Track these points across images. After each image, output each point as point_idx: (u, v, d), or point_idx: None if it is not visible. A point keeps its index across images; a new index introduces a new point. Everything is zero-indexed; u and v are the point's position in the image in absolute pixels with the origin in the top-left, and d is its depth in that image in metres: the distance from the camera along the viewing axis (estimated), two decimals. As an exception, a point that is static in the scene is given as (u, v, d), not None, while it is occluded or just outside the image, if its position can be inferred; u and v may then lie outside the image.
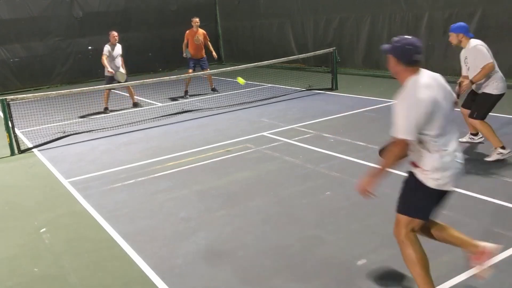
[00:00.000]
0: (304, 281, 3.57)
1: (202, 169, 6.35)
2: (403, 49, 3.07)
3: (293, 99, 10.69)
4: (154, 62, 17.87)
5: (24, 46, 15.55)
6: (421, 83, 3.01)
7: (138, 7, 17.42)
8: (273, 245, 4.17)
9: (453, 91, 3.28)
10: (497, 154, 5.68)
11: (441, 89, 3.09)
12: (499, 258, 3.64)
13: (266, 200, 5.16)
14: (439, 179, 3.07)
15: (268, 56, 13.68)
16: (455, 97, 3.27)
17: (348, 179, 5.56)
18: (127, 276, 3.87)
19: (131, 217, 5.00)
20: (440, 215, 4.42)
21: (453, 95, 3.23)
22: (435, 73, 3.18)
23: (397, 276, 3.53)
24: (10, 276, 4.02)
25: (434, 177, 3.08)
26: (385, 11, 12.67)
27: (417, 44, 3.07)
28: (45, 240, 4.62)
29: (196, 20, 11.91)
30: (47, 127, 9.62)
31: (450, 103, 3.14)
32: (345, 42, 13.88)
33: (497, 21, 10.31)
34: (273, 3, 16.55)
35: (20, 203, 5.67)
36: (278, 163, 6.35)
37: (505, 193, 4.80)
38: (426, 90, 2.98)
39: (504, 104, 8.56)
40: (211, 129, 8.47)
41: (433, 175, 3.07)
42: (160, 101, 11.64)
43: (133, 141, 8.09)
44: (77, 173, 6.53)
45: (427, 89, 2.98)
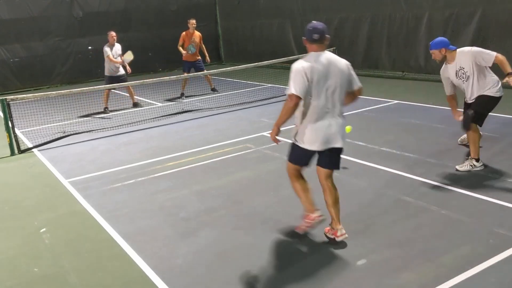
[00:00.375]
0: (304, 281, 3.57)
1: (202, 169, 6.35)
2: (308, 30, 3.94)
3: (293, 99, 10.68)
4: (154, 62, 17.87)
5: (24, 46, 15.55)
6: (311, 57, 3.90)
7: (138, 7, 17.42)
8: (273, 245, 4.17)
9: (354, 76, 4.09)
10: (470, 166, 5.48)
11: (332, 69, 3.88)
12: (499, 258, 3.64)
13: (266, 200, 5.16)
14: (305, 141, 4.05)
15: (268, 56, 13.69)
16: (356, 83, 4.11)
17: (348, 179, 5.55)
18: (127, 276, 3.87)
19: (131, 217, 5.00)
20: (439, 214, 4.44)
21: (350, 78, 4.03)
22: (337, 57, 4.02)
23: (397, 276, 3.53)
24: (10, 276, 4.02)
25: (300, 138, 4.10)
26: (385, 11, 12.67)
27: (318, 26, 3.92)
28: (45, 240, 4.62)
29: (193, 21, 11.80)
30: (47, 127, 9.62)
31: (340, 81, 3.91)
32: (345, 42, 13.88)
33: (497, 21, 10.31)
34: (273, 3, 16.55)
35: (20, 203, 5.67)
36: (278, 163, 6.35)
37: (505, 193, 4.80)
38: (313, 63, 3.84)
39: (504, 104, 8.58)
40: (211, 129, 8.47)
41: (299, 136, 4.12)
42: (160, 101, 11.64)
43: (133, 141, 8.09)
44: (77, 173, 6.53)
45: (315, 63, 3.84)
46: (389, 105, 9.26)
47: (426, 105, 9.02)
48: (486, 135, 6.79)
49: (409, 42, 12.16)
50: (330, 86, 3.90)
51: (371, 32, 13.17)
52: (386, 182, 5.41)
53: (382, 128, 7.72)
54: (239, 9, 18.15)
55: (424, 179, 5.34)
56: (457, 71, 5.48)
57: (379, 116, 8.50)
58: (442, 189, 5.04)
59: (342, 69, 3.95)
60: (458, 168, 5.54)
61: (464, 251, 3.79)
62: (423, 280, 3.44)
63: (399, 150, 6.42)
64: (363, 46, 13.51)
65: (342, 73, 3.95)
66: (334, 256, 3.89)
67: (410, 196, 4.92)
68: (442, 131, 7.23)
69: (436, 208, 4.58)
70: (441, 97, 9.31)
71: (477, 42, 10.73)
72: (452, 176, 5.39)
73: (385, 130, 7.56)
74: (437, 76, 11.38)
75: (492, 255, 3.67)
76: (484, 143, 6.46)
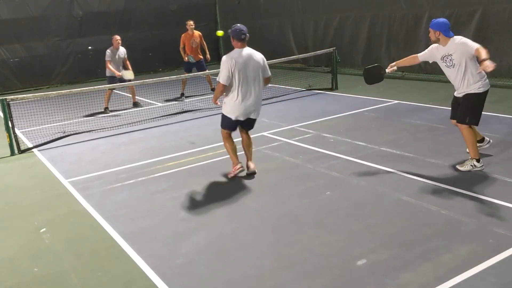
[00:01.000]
0: (304, 281, 3.56)
1: (202, 169, 6.35)
2: (235, 31, 5.40)
3: (293, 99, 10.69)
4: (154, 62, 17.86)
5: (24, 46, 15.54)
6: (236, 52, 5.41)
7: (138, 7, 17.40)
8: (273, 245, 4.17)
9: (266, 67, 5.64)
10: (471, 166, 5.47)
11: (250, 61, 5.42)
12: (499, 258, 3.64)
13: (266, 200, 5.16)
14: (229, 112, 5.61)
15: (268, 56, 13.64)
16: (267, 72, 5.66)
17: (348, 179, 5.56)
18: (127, 276, 3.87)
19: (131, 217, 5.00)
20: (439, 214, 4.44)
21: (264, 68, 5.58)
22: (256, 51, 5.57)
23: (397, 276, 3.53)
24: (10, 276, 4.02)
25: (227, 110, 5.62)
26: (385, 11, 12.67)
27: (244, 29, 5.42)
28: (45, 240, 4.62)
29: (190, 23, 11.75)
30: (47, 127, 9.62)
31: (256, 72, 5.48)
32: (345, 42, 13.88)
33: (497, 21, 10.31)
34: (273, 3, 16.55)
35: (20, 203, 5.67)
36: (278, 163, 6.35)
37: (505, 193, 4.80)
38: (236, 58, 5.36)
39: (505, 104, 8.59)
40: (211, 129, 8.46)
41: (227, 109, 5.62)
42: (160, 101, 11.64)
43: (133, 141, 8.09)
44: (77, 173, 6.53)
45: (238, 57, 5.36)
46: (389, 105, 9.26)
47: (426, 105, 9.02)
48: (485, 135, 6.80)
49: (409, 42, 12.16)
50: (250, 74, 5.43)
51: (371, 32, 13.18)
52: (386, 182, 5.41)
53: (382, 128, 7.72)
54: (239, 9, 18.14)
55: (424, 179, 5.34)
56: (444, 55, 5.47)
57: (379, 116, 8.50)
58: (442, 189, 5.04)
59: (258, 61, 5.51)
60: (458, 168, 5.54)
61: (464, 251, 3.79)
62: (423, 280, 3.44)
63: (399, 150, 6.42)
64: (363, 46, 13.52)
65: (258, 64, 5.51)
66: (334, 256, 3.89)
67: (410, 196, 4.92)
68: (442, 131, 7.23)
69: (436, 208, 4.59)
70: (441, 97, 9.33)
71: (477, 42, 10.73)
72: (452, 176, 5.39)
73: (385, 130, 7.55)
74: (437, 76, 11.41)
75: (492, 255, 3.67)
76: (488, 145, 6.46)
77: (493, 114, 7.93)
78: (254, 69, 5.46)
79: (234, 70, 5.33)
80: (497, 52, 10.45)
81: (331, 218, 4.60)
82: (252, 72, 5.44)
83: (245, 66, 5.38)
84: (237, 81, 5.39)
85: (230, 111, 5.59)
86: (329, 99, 10.52)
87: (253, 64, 5.44)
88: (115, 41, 10.68)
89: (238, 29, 5.38)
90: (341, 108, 9.25)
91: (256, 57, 5.49)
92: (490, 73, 5.29)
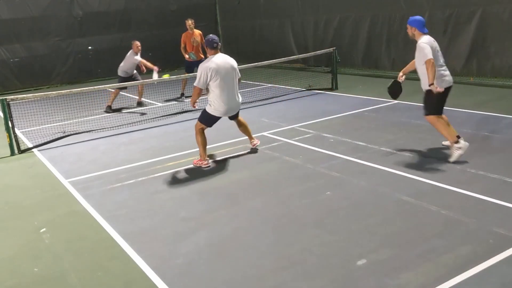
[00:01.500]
0: (304, 281, 3.56)
1: (202, 169, 6.35)
2: (209, 41, 6.20)
3: (293, 99, 10.69)
4: (154, 62, 17.80)
5: (24, 46, 15.54)
6: (211, 60, 6.13)
7: (138, 7, 17.40)
8: (273, 245, 4.17)
9: (237, 69, 6.40)
10: (456, 150, 5.67)
11: (226, 66, 6.16)
12: (499, 258, 3.65)
13: (266, 200, 5.16)
14: (215, 111, 6.31)
15: (268, 56, 13.69)
16: (238, 74, 6.44)
17: (348, 179, 5.56)
18: (127, 276, 3.87)
19: (131, 217, 5.00)
20: (439, 214, 4.44)
21: (236, 70, 6.35)
22: (227, 56, 6.31)
23: (397, 276, 3.53)
24: (10, 276, 4.02)
25: (212, 110, 6.32)
26: (385, 11, 12.67)
27: (215, 38, 6.23)
28: (45, 240, 4.62)
29: (189, 22, 11.66)
30: (47, 127, 9.62)
31: (231, 74, 6.22)
32: (345, 42, 13.88)
33: (497, 21, 10.31)
34: (273, 3, 16.55)
35: (20, 203, 5.67)
36: (278, 163, 6.35)
37: (505, 193, 4.80)
38: (211, 63, 6.08)
39: (504, 104, 8.59)
40: (211, 129, 8.44)
41: (212, 109, 6.32)
42: (160, 101, 11.64)
43: (133, 141, 8.09)
44: (77, 173, 6.53)
45: (212, 63, 6.08)
46: (389, 105, 9.25)
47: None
48: (485, 135, 6.80)
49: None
50: (227, 76, 6.15)
51: (371, 32, 13.18)
52: (386, 182, 5.41)
53: (382, 128, 7.72)
54: (239, 9, 18.14)
55: (424, 179, 5.34)
56: (416, 51, 5.88)
57: (379, 116, 8.50)
58: (442, 189, 5.04)
59: (231, 64, 6.25)
60: (451, 161, 5.70)
61: (464, 251, 3.79)
62: (423, 280, 3.44)
63: (399, 150, 6.42)
64: (363, 46, 13.52)
65: (232, 67, 6.25)
66: (334, 256, 3.89)
67: (410, 196, 4.93)
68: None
69: (436, 208, 4.59)
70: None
71: (477, 42, 10.75)
72: (452, 176, 5.39)
73: (385, 130, 7.55)
74: (437, 76, 11.38)
75: (492, 255, 3.67)
76: (484, 143, 6.47)
77: (494, 114, 7.94)
78: (229, 71, 6.20)
79: (213, 74, 6.06)
80: (497, 52, 10.46)
81: (331, 218, 4.60)
82: (229, 74, 6.21)
83: (222, 70, 6.11)
84: (219, 84, 6.10)
85: (216, 109, 6.28)
86: (329, 99, 10.52)
87: (227, 67, 6.18)
88: (136, 47, 10.71)
89: (210, 39, 6.20)
90: (341, 108, 9.25)
91: (229, 61, 6.26)
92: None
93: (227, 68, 6.17)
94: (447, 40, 11.07)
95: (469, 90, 9.94)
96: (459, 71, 10.87)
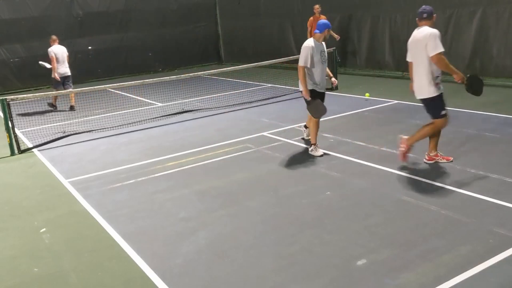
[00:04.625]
0: (304, 281, 3.56)
1: (202, 169, 6.35)
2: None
3: (293, 99, 10.69)
4: (154, 62, 17.87)
5: (24, 46, 15.54)
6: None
7: (138, 7, 17.41)
8: (273, 245, 4.17)
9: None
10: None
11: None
12: (499, 258, 3.64)
13: (266, 200, 5.16)
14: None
15: (268, 56, 13.69)
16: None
17: (348, 179, 5.56)
18: (127, 276, 3.87)
19: (131, 217, 5.00)
20: (439, 214, 4.44)
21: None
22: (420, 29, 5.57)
23: (397, 276, 3.53)
24: (10, 276, 4.02)
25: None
26: (385, 11, 12.67)
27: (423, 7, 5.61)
28: (45, 240, 4.62)
29: (316, 6, 12.53)
30: (47, 127, 9.62)
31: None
32: (345, 42, 13.88)
33: (497, 21, 10.31)
34: (273, 3, 16.55)
35: (20, 203, 5.67)
36: (278, 163, 6.35)
37: (505, 193, 4.80)
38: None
39: (505, 104, 8.58)
40: (211, 129, 8.47)
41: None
42: (160, 101, 11.64)
43: (133, 141, 8.09)
44: (77, 173, 6.53)
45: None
46: (389, 105, 9.25)
47: (426, 105, 9.00)
48: (486, 135, 6.80)
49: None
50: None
51: (371, 32, 13.18)
52: (386, 182, 5.41)
53: (382, 128, 7.72)
54: (239, 9, 18.14)
55: (424, 179, 5.34)
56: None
57: (379, 116, 8.50)
58: (442, 189, 5.04)
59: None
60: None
61: (464, 251, 3.79)
62: (423, 280, 3.44)
63: (399, 150, 6.41)
64: (363, 46, 13.52)
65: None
66: (334, 256, 3.89)
67: (410, 196, 4.92)
68: (442, 131, 7.21)
69: (436, 208, 4.59)
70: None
71: (477, 42, 10.75)
72: (452, 176, 5.39)
73: (385, 130, 7.55)
74: (437, 76, 11.37)
75: (492, 255, 3.67)
76: (484, 143, 6.47)
77: (495, 114, 7.94)
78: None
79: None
80: (498, 52, 10.46)
81: (331, 218, 4.60)
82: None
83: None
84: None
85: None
86: (329, 99, 10.46)
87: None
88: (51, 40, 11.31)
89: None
90: (341, 108, 9.25)
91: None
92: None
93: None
94: (447, 39, 11.06)
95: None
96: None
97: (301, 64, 6.29)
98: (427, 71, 5.40)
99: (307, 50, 6.27)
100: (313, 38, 6.42)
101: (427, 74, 5.41)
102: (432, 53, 5.26)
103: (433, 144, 5.80)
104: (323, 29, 6.37)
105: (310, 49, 6.27)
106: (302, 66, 6.29)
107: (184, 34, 18.37)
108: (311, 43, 6.31)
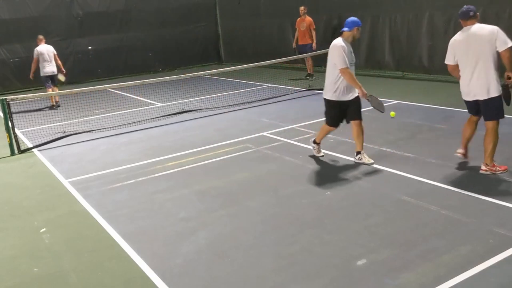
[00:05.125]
0: (304, 281, 3.56)
1: (202, 169, 6.35)
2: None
3: (293, 99, 10.69)
4: (154, 62, 17.87)
5: (24, 46, 15.52)
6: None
7: (138, 7, 17.41)
8: (273, 245, 4.17)
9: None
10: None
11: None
12: (499, 258, 3.64)
13: (266, 200, 5.16)
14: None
15: (268, 56, 13.70)
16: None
17: (348, 179, 5.56)
18: (127, 276, 3.87)
19: (131, 217, 5.00)
20: (439, 214, 4.44)
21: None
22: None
23: (397, 276, 3.53)
24: (10, 276, 4.02)
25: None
26: (385, 11, 12.67)
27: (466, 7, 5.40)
28: (45, 240, 4.62)
29: (301, 8, 13.22)
30: (47, 127, 9.62)
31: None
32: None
33: (497, 21, 10.30)
34: (273, 3, 16.55)
35: (20, 203, 5.67)
36: (278, 163, 6.35)
37: (505, 193, 4.80)
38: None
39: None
40: (211, 129, 8.47)
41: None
42: (160, 101, 11.64)
43: (133, 141, 8.09)
44: (77, 173, 6.53)
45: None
46: (389, 105, 9.25)
47: (426, 105, 9.01)
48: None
49: (411, 42, 12.15)
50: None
51: (371, 32, 13.17)
52: (386, 182, 5.41)
53: (382, 128, 7.72)
54: (239, 9, 18.14)
55: (424, 179, 5.34)
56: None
57: (379, 116, 8.49)
58: (442, 189, 5.04)
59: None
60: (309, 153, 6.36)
61: (464, 251, 3.79)
62: (423, 280, 3.44)
63: (399, 150, 6.42)
64: (363, 46, 13.51)
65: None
66: (334, 256, 3.89)
67: (410, 196, 4.92)
68: (442, 131, 7.23)
69: (436, 208, 4.59)
70: (441, 96, 9.33)
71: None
72: (452, 176, 5.39)
73: (385, 130, 7.55)
74: (437, 75, 11.40)
75: (492, 255, 3.67)
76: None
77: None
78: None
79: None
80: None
81: (331, 218, 4.60)
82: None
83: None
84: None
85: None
86: (329, 99, 10.50)
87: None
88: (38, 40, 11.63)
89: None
90: (341, 108, 9.24)
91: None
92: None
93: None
94: (447, 40, 11.04)
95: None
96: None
97: (343, 66, 5.65)
98: (494, 68, 5.23)
99: (340, 49, 5.67)
100: (342, 37, 5.83)
101: (495, 71, 5.24)
102: (503, 47, 5.09)
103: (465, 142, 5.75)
104: (352, 27, 5.78)
105: (342, 48, 5.67)
106: (345, 68, 5.65)
107: (184, 34, 18.36)
108: (341, 42, 5.74)
